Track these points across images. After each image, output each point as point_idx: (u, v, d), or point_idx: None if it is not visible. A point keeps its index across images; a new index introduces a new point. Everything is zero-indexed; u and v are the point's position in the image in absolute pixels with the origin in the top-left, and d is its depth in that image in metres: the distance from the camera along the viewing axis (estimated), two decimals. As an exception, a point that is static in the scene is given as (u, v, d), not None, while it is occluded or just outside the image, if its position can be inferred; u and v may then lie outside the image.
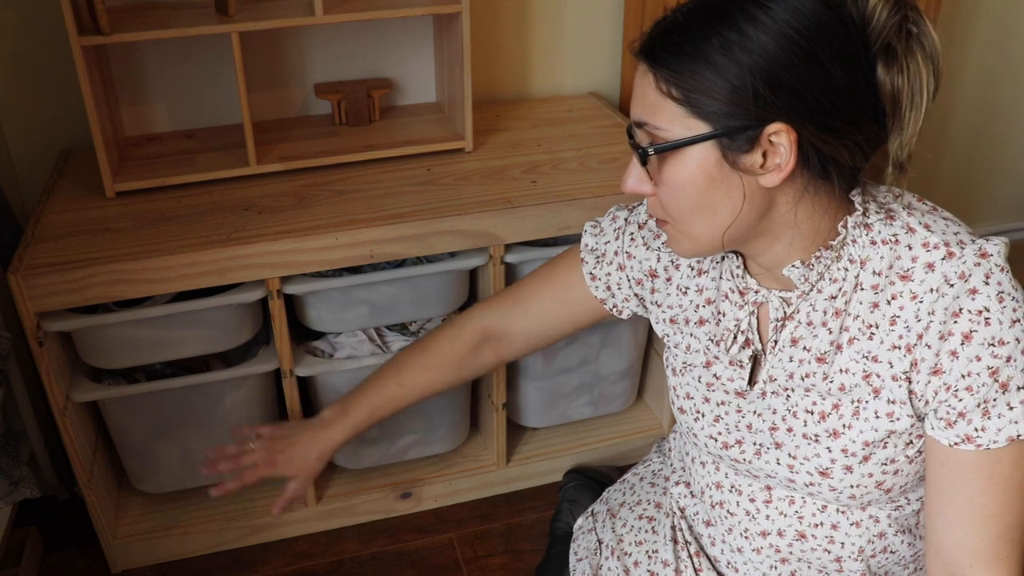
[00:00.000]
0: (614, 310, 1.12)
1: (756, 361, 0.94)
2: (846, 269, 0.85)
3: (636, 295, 1.08)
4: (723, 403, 0.97)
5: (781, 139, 0.76)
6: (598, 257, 1.10)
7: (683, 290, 1.02)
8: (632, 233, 1.07)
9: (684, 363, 1.01)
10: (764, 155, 0.78)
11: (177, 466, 1.47)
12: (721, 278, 0.96)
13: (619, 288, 1.09)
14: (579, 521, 1.29)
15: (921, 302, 0.81)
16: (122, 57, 1.53)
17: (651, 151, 0.80)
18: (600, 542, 1.20)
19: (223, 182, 1.47)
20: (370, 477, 1.60)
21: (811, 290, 0.87)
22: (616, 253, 1.08)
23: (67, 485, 1.62)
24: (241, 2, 1.44)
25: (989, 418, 0.79)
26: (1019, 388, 0.79)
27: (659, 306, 1.05)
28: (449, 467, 1.63)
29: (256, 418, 1.48)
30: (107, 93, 1.47)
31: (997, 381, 0.78)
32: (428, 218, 1.36)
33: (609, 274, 1.09)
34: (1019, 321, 0.78)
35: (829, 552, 0.96)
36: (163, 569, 1.49)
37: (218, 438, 1.45)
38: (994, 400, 0.79)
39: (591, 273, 1.11)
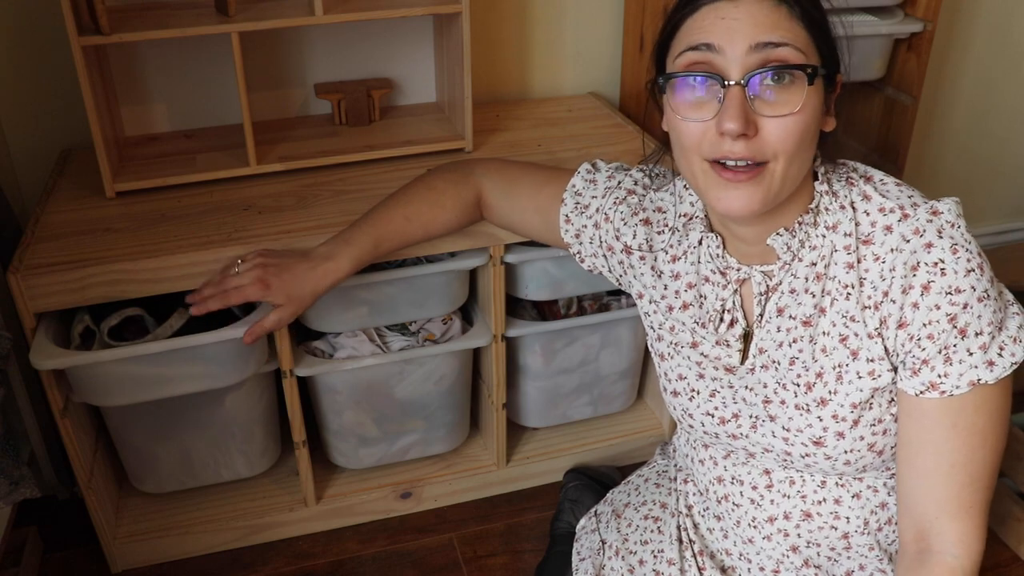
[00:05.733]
0: (577, 256, 1.13)
1: (746, 338, 0.96)
2: (823, 236, 0.89)
3: (604, 256, 1.10)
4: (716, 379, 0.99)
5: (836, 88, 0.86)
6: (578, 204, 1.11)
7: (658, 273, 1.03)
8: (619, 197, 1.08)
9: (671, 344, 1.02)
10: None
11: (177, 466, 1.47)
12: (700, 262, 0.98)
13: (590, 242, 1.11)
14: (582, 522, 1.29)
15: (883, 262, 0.85)
16: (122, 57, 1.53)
17: (822, 70, 0.82)
18: (604, 542, 1.20)
19: (223, 182, 1.47)
20: (370, 477, 1.60)
21: (792, 259, 0.90)
22: (597, 211, 1.09)
23: (67, 485, 1.62)
24: (241, 2, 1.44)
25: (951, 364, 0.82)
26: (977, 334, 0.81)
27: (636, 279, 1.07)
28: (449, 467, 1.63)
29: (256, 418, 1.48)
30: (107, 93, 1.47)
31: (956, 327, 0.81)
32: (428, 218, 1.36)
33: (584, 226, 1.10)
34: (973, 271, 0.81)
35: (836, 529, 0.97)
36: (163, 569, 1.49)
37: (218, 438, 1.46)
38: (954, 346, 0.82)
39: (566, 216, 1.12)
